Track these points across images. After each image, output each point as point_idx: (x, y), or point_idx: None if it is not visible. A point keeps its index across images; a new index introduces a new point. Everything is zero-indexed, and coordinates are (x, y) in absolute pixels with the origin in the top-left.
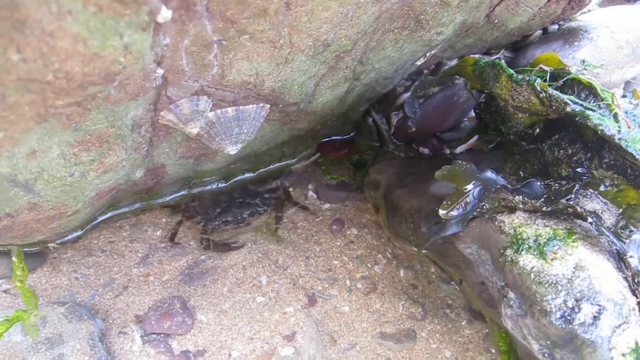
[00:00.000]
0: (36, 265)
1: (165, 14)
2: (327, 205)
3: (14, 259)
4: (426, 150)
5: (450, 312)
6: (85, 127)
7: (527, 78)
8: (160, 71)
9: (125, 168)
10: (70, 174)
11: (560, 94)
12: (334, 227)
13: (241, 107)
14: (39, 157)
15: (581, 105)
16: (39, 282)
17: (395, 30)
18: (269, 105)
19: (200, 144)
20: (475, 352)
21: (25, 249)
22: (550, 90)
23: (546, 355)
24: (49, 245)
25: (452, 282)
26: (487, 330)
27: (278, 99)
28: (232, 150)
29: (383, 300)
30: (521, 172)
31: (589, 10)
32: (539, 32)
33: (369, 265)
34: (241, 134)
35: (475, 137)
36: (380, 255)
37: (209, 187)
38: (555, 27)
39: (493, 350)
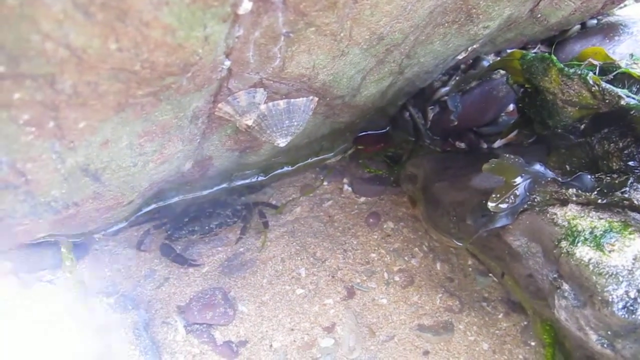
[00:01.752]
0: (78, 256)
1: (246, 6)
2: (362, 199)
3: (62, 249)
4: (463, 145)
5: (487, 305)
6: (153, 117)
7: (579, 72)
8: (227, 63)
9: (179, 159)
10: (134, 164)
11: (614, 88)
12: (371, 220)
13: (292, 100)
14: (110, 147)
15: (634, 98)
16: (81, 273)
17: (446, 24)
18: (317, 98)
19: (249, 137)
20: (513, 344)
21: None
22: (604, 84)
23: (605, 345)
24: (95, 236)
25: (490, 275)
26: (525, 323)
27: (327, 92)
28: (282, 142)
29: (420, 293)
30: (567, 166)
31: (624, 5)
32: (577, 27)
33: (406, 258)
34: (291, 126)
35: (515, 132)
36: (416, 249)
37: (248, 180)
38: (594, 21)
39: (532, 343)
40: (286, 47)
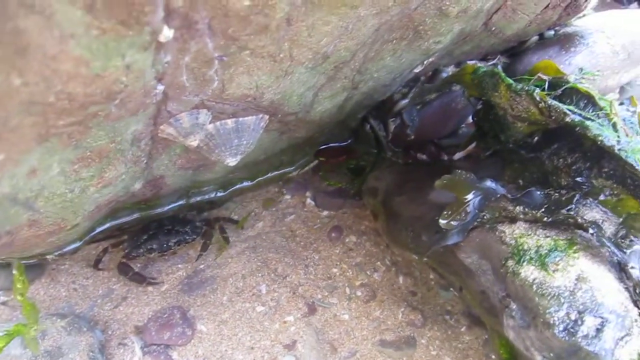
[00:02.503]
0: (34, 276)
1: (167, 34)
2: (325, 213)
3: (14, 271)
4: (424, 157)
5: (450, 319)
6: (85, 144)
7: (526, 88)
8: (160, 87)
9: (124, 181)
10: (71, 190)
11: (560, 104)
12: (333, 234)
13: (240, 119)
14: (39, 176)
15: (580, 115)
16: (37, 293)
17: (394, 41)
18: (268, 116)
19: (200, 155)
20: (475, 358)
21: (23, 261)
22: (550, 101)
23: None
24: (47, 257)
25: (452, 289)
26: (486, 337)
27: (277, 109)
28: (232, 161)
29: (383, 308)
30: (520, 181)
31: (584, 15)
32: (536, 37)
33: (368, 272)
34: (241, 145)
35: (474, 144)
36: (379, 263)
37: (207, 197)
38: (552, 32)
39: (493, 357)
40: (222, 70)
